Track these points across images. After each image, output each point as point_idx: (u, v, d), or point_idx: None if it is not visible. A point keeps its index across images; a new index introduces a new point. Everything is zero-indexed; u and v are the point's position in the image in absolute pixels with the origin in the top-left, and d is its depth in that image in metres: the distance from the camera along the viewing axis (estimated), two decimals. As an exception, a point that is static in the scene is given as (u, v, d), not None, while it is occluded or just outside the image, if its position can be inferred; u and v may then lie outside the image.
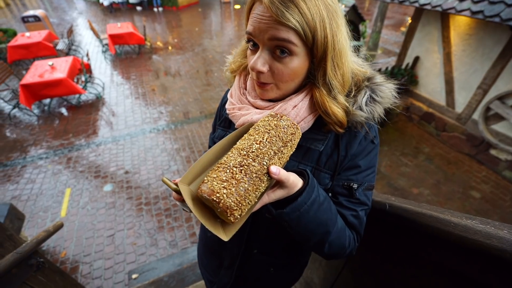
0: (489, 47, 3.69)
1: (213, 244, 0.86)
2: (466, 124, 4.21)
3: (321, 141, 0.62)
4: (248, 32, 0.56)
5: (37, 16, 7.63)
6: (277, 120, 0.51)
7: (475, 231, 0.54)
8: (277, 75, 0.56)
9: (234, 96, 0.70)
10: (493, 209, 3.42)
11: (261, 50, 0.55)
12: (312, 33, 0.51)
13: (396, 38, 9.09)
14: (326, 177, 0.63)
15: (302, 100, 0.59)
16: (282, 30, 0.50)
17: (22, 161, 3.92)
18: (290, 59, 0.53)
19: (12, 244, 1.13)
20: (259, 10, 0.52)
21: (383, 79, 0.62)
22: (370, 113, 0.59)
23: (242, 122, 0.63)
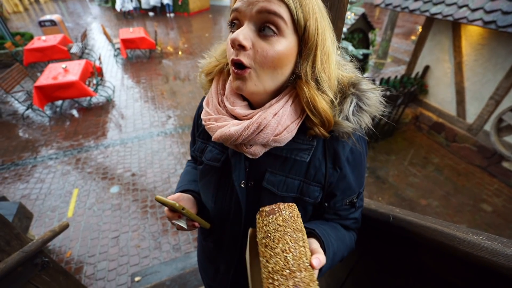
0: (502, 57, 3.63)
1: (210, 251, 0.86)
2: (478, 135, 4.12)
3: (307, 150, 0.59)
4: (235, 8, 0.51)
5: (53, 20, 7.89)
6: (281, 215, 0.48)
7: (481, 247, 0.52)
8: (260, 56, 0.50)
9: (211, 104, 0.64)
10: (505, 223, 3.31)
11: (245, 25, 0.50)
12: (304, 18, 0.48)
13: (406, 46, 9.03)
14: (316, 190, 0.61)
15: (283, 107, 0.55)
16: (273, 3, 0.47)
17: (33, 160, 4.02)
18: (277, 39, 0.49)
19: (18, 243, 1.16)
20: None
21: (370, 85, 0.58)
22: (357, 123, 0.56)
23: (220, 135, 0.56)
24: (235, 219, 0.68)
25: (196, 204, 0.76)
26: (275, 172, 0.61)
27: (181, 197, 0.71)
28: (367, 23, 4.84)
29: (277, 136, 0.55)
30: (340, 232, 0.67)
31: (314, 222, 0.68)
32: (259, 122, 0.53)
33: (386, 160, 4.30)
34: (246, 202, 0.65)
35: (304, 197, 0.62)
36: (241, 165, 0.63)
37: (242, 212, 0.66)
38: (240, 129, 0.53)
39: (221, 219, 0.71)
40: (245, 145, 0.57)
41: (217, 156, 0.67)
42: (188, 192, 0.78)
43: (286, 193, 0.61)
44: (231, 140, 0.55)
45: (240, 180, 0.63)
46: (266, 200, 0.62)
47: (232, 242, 0.73)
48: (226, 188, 0.67)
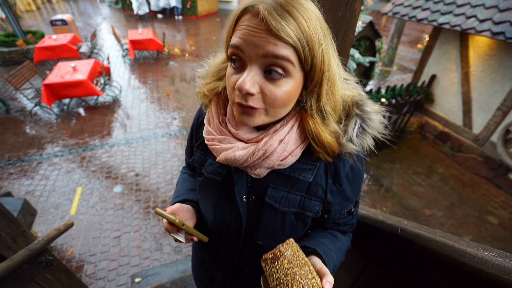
0: (510, 68, 3.61)
1: (206, 261, 0.85)
2: (484, 146, 4.08)
3: (310, 171, 0.60)
4: (235, 45, 0.48)
5: (64, 20, 8.02)
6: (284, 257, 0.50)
7: (493, 264, 0.51)
8: (269, 99, 0.49)
9: (212, 124, 0.63)
10: (511, 237, 3.26)
11: (249, 68, 0.48)
12: (311, 54, 0.47)
13: (412, 55, 9.01)
14: (316, 205, 0.62)
15: (289, 133, 0.55)
16: (279, 46, 0.45)
17: (38, 157, 4.06)
18: (285, 81, 0.48)
19: (24, 240, 1.16)
20: (251, 22, 0.46)
21: (373, 107, 0.58)
22: (360, 145, 0.56)
23: (224, 158, 0.56)
24: (234, 232, 0.68)
25: (195, 214, 0.74)
26: (277, 187, 0.61)
27: (181, 208, 0.70)
28: (374, 31, 4.86)
29: (282, 161, 0.55)
30: (338, 241, 0.70)
31: (314, 234, 0.69)
32: (265, 149, 0.53)
33: (390, 169, 4.27)
34: (247, 216, 0.66)
35: (305, 211, 0.62)
36: (244, 180, 0.63)
37: (243, 225, 0.66)
38: (245, 154, 0.54)
39: (220, 231, 0.71)
40: (250, 167, 0.57)
41: (218, 170, 0.67)
42: (187, 202, 0.76)
43: (287, 208, 0.62)
44: (236, 164, 0.56)
45: (242, 195, 0.64)
46: (267, 214, 0.63)
47: (230, 254, 0.73)
48: (226, 201, 0.67)
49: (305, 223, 0.65)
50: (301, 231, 0.68)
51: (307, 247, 0.63)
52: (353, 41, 1.06)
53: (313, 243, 0.63)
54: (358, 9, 0.97)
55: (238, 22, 0.49)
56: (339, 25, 0.97)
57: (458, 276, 0.63)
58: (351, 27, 1.00)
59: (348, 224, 0.73)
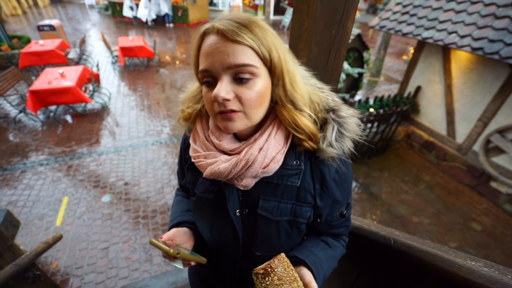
0: (489, 82, 3.80)
1: (207, 277, 0.86)
2: (467, 155, 4.24)
3: (296, 175, 0.62)
4: (203, 69, 0.53)
5: (52, 25, 7.90)
6: (275, 274, 0.52)
7: (480, 274, 0.54)
8: (245, 101, 0.53)
9: (198, 141, 0.66)
10: (494, 243, 3.37)
11: (220, 80, 0.52)
12: (268, 51, 0.52)
13: (398, 66, 9.35)
14: (307, 211, 0.65)
15: (267, 141, 0.58)
16: (239, 55, 0.50)
17: (22, 166, 3.92)
18: (254, 82, 0.53)
19: (11, 255, 1.12)
20: (211, 41, 0.52)
21: (349, 111, 0.63)
22: (340, 148, 0.60)
23: (210, 172, 0.58)
24: (232, 246, 0.70)
25: (193, 235, 0.75)
26: (267, 198, 0.63)
27: (177, 232, 0.70)
28: (362, 43, 5.02)
29: (265, 168, 0.57)
30: (330, 249, 0.73)
31: (306, 243, 0.72)
32: (247, 158, 0.56)
33: (379, 177, 4.36)
34: (242, 229, 0.67)
35: (297, 218, 0.64)
36: (235, 195, 0.65)
37: (239, 239, 0.68)
38: (229, 166, 0.56)
39: (218, 248, 0.73)
40: (236, 179, 0.59)
41: (209, 188, 0.68)
42: (183, 224, 0.77)
43: (280, 217, 0.64)
44: (222, 177, 0.58)
45: (235, 209, 0.65)
46: (261, 225, 0.65)
47: (230, 268, 0.75)
48: (221, 217, 0.68)
49: (299, 230, 0.67)
50: (297, 238, 0.69)
51: (296, 258, 0.64)
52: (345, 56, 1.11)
53: (303, 254, 0.65)
54: (350, 27, 1.02)
55: (200, 47, 0.54)
56: (332, 42, 1.02)
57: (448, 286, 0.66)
58: (343, 43, 1.05)
59: (342, 227, 0.75)
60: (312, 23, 0.95)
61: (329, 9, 0.92)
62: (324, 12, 0.92)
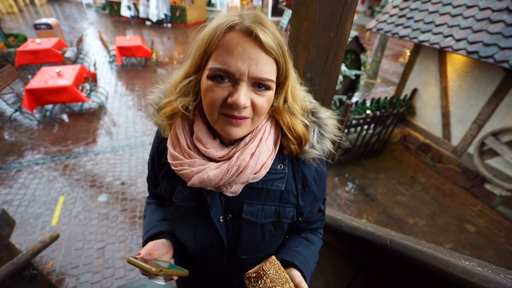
0: (484, 85, 3.85)
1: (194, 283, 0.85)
2: (462, 157, 4.29)
3: (281, 179, 0.63)
4: (221, 69, 0.49)
5: (49, 24, 7.83)
6: (268, 276, 0.52)
7: (474, 273, 0.56)
8: (257, 108, 0.53)
9: (178, 147, 0.60)
10: (488, 244, 3.41)
11: (240, 85, 0.50)
12: (286, 69, 0.54)
13: (395, 68, 9.42)
14: (291, 211, 0.66)
15: (259, 146, 0.57)
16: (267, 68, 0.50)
17: (17, 165, 3.88)
18: (267, 92, 0.54)
19: (7, 254, 1.12)
20: (241, 41, 0.48)
21: (327, 113, 0.65)
22: (321, 150, 0.63)
23: (198, 180, 0.55)
24: (217, 252, 0.69)
25: (171, 246, 0.71)
26: (252, 202, 0.63)
27: (155, 246, 0.66)
28: (359, 45, 5.06)
29: (255, 174, 0.57)
30: (312, 245, 0.76)
31: (290, 243, 0.74)
32: (238, 164, 0.54)
33: (375, 178, 4.40)
34: (227, 235, 0.67)
35: (281, 219, 0.66)
36: (217, 201, 0.63)
37: (224, 245, 0.67)
38: (219, 173, 0.54)
39: (203, 256, 0.71)
40: (225, 186, 0.57)
41: (190, 196, 0.65)
42: (160, 234, 0.72)
43: (265, 220, 0.65)
44: (211, 184, 0.55)
45: (219, 216, 0.64)
46: (246, 229, 0.65)
47: (216, 273, 0.75)
48: (204, 224, 0.66)
49: (282, 230, 0.69)
50: (280, 237, 0.71)
51: (285, 260, 0.66)
52: (343, 59, 1.12)
53: (290, 256, 0.67)
54: (348, 30, 1.04)
55: (221, 38, 0.49)
56: (331, 45, 1.03)
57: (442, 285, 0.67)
58: (341, 46, 1.06)
59: (319, 221, 0.79)
60: (311, 25, 0.96)
61: (327, 12, 0.93)
62: (323, 15, 0.93)
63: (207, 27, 0.53)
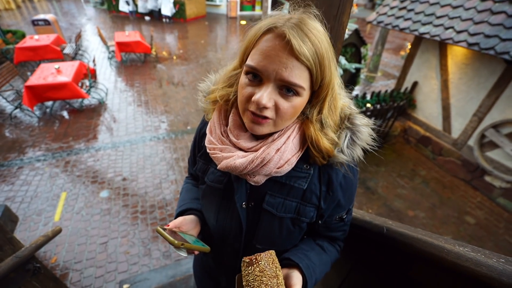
0: (484, 77, 3.83)
1: (211, 268, 0.89)
2: (462, 150, 4.29)
3: (304, 178, 0.64)
4: (253, 67, 0.52)
5: (47, 20, 7.79)
6: (258, 265, 0.55)
7: (467, 258, 0.57)
8: (281, 112, 0.54)
9: (214, 134, 0.66)
10: (487, 235, 3.44)
11: (266, 85, 0.52)
12: (321, 76, 0.52)
13: (396, 61, 9.36)
14: (311, 211, 0.67)
15: (285, 143, 0.59)
16: (295, 73, 0.50)
17: (19, 162, 3.91)
18: (295, 98, 0.54)
19: (11, 248, 1.14)
20: (273, 44, 0.50)
21: (363, 121, 0.64)
22: (350, 155, 0.62)
23: (225, 166, 0.60)
24: (235, 237, 0.72)
25: (199, 223, 0.77)
26: (274, 194, 0.66)
27: (184, 221, 0.72)
28: (360, 38, 5.03)
29: (279, 168, 0.59)
30: (325, 254, 0.74)
31: (303, 245, 0.73)
32: (263, 157, 0.57)
33: (376, 172, 4.41)
34: (247, 221, 0.70)
35: (300, 217, 0.67)
36: (243, 188, 0.67)
37: (243, 230, 0.70)
38: (245, 162, 0.58)
39: (222, 237, 0.75)
40: (249, 174, 0.61)
41: (219, 178, 0.71)
42: (191, 211, 0.79)
43: (284, 214, 0.66)
44: (236, 171, 0.60)
45: (242, 202, 0.68)
46: (265, 219, 0.67)
47: (232, 259, 0.77)
48: (227, 208, 0.71)
49: (301, 228, 0.69)
50: (298, 236, 0.71)
51: (291, 260, 0.66)
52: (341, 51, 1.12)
53: (297, 257, 0.67)
54: (346, 21, 1.03)
55: (260, 38, 0.53)
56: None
57: (437, 270, 0.69)
58: (339, 38, 1.06)
59: (340, 231, 0.76)
60: (308, 17, 0.95)
61: (325, 3, 0.92)
62: (320, 6, 0.93)
63: (255, 26, 0.55)
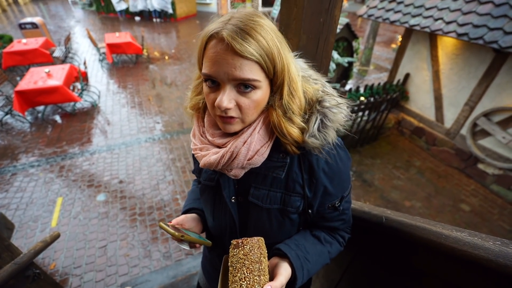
0: (474, 66, 3.88)
1: (216, 262, 0.89)
2: (455, 139, 4.36)
3: (281, 168, 0.64)
4: (207, 74, 0.55)
5: (34, 23, 7.64)
6: (243, 249, 0.56)
7: (464, 242, 0.58)
8: (243, 109, 0.56)
9: (196, 136, 0.70)
10: (482, 222, 3.51)
11: (224, 88, 0.55)
12: (272, 65, 0.54)
13: (387, 54, 9.42)
14: (297, 200, 0.66)
15: (251, 135, 0.60)
16: (245, 70, 0.51)
17: (12, 168, 3.85)
18: (254, 92, 0.55)
19: (9, 255, 1.13)
20: (218, 48, 0.52)
21: (333, 102, 0.62)
22: (323, 139, 0.60)
23: (204, 163, 0.63)
24: (231, 232, 0.75)
25: (201, 221, 0.82)
26: (258, 187, 0.67)
27: (186, 218, 0.78)
28: (351, 32, 5.04)
29: (249, 160, 0.60)
30: (319, 245, 0.73)
31: (295, 237, 0.72)
32: (232, 150, 0.60)
33: (372, 164, 4.45)
34: (238, 215, 0.72)
35: (287, 207, 0.67)
36: (230, 183, 0.70)
37: (236, 225, 0.73)
38: (217, 157, 0.61)
39: (220, 233, 0.78)
40: (226, 169, 0.64)
41: (211, 176, 0.74)
42: (193, 210, 0.85)
43: (270, 205, 0.67)
44: (213, 167, 0.62)
45: (231, 196, 0.71)
46: (253, 212, 0.69)
47: None
48: (220, 204, 0.74)
49: (291, 219, 0.68)
50: (290, 227, 0.70)
51: (280, 251, 0.66)
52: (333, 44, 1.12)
53: (287, 248, 0.67)
54: (337, 15, 1.04)
55: (206, 46, 0.55)
56: (321, 31, 1.03)
57: (436, 256, 0.70)
58: (331, 31, 1.06)
59: (337, 220, 0.74)
60: (300, 11, 0.96)
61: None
62: (312, 0, 0.93)
63: (201, 33, 0.56)
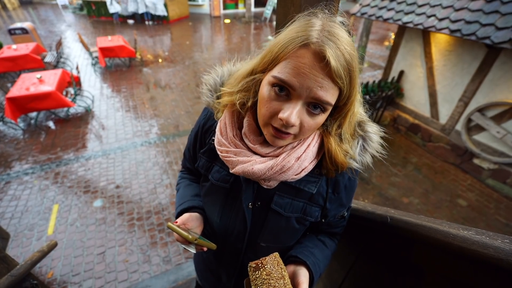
0: (467, 63, 3.92)
1: (211, 262, 0.89)
2: (450, 135, 4.40)
3: (314, 183, 0.65)
4: (285, 81, 0.48)
5: (24, 28, 7.53)
6: (264, 269, 0.56)
7: (473, 241, 0.58)
8: (304, 129, 0.53)
9: (225, 136, 0.63)
10: (479, 216, 3.54)
11: (295, 102, 0.50)
12: (349, 96, 0.51)
13: (381, 52, 9.48)
14: (316, 211, 0.68)
15: (305, 151, 0.58)
16: (329, 93, 0.48)
17: (6, 177, 3.78)
18: (321, 115, 0.52)
19: (5, 267, 1.09)
20: (311, 60, 0.46)
21: (374, 128, 0.63)
22: (361, 163, 0.62)
23: (242, 171, 0.58)
24: (238, 236, 0.72)
25: (203, 221, 0.76)
26: (282, 195, 0.65)
27: (190, 217, 0.71)
28: (345, 31, 5.05)
29: (296, 175, 0.59)
30: (327, 249, 0.76)
31: (307, 242, 0.74)
32: (283, 164, 0.57)
33: (369, 162, 4.46)
34: (251, 221, 0.69)
35: (306, 216, 0.67)
36: (251, 189, 0.67)
37: (247, 229, 0.70)
38: (263, 168, 0.57)
39: (225, 236, 0.75)
40: (265, 179, 0.60)
41: (226, 178, 0.69)
42: (194, 209, 0.77)
43: (291, 214, 0.66)
44: (254, 177, 0.58)
45: (248, 202, 0.67)
46: (272, 219, 0.67)
47: (234, 257, 0.77)
48: (232, 206, 0.70)
49: (304, 226, 0.71)
50: (300, 233, 0.73)
51: (298, 258, 0.67)
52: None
53: (304, 255, 0.68)
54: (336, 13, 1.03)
55: (293, 52, 0.48)
56: None
57: (444, 256, 0.69)
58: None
59: (339, 226, 0.79)
60: (297, 10, 0.94)
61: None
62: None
63: (284, 34, 0.51)
